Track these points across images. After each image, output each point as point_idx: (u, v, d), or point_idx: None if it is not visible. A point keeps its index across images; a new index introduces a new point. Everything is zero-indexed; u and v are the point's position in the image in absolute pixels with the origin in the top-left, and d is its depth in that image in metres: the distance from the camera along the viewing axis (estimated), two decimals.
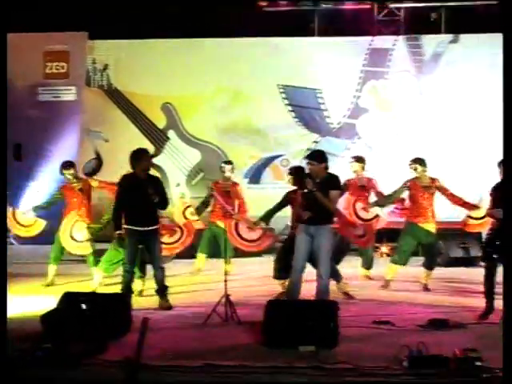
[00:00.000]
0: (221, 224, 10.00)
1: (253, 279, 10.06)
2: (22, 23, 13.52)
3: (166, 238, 9.65)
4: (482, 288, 7.81)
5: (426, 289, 9.38)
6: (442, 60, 14.16)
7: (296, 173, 8.71)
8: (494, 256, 7.64)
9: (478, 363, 5.68)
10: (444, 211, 10.09)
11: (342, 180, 8.83)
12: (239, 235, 9.65)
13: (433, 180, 9.44)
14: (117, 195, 8.53)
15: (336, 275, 8.70)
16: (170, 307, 8.29)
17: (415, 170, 9.43)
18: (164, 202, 8.47)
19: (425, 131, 13.64)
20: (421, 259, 9.80)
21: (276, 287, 8.84)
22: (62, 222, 9.71)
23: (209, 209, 10.86)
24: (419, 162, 9.45)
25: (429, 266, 9.46)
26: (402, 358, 5.86)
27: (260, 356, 6.28)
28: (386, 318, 7.57)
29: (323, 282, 7.65)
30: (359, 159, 10.48)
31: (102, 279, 9.39)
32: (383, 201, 9.95)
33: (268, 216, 9.07)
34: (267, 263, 10.49)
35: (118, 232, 8.34)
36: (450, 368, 5.69)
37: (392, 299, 8.81)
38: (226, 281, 7.72)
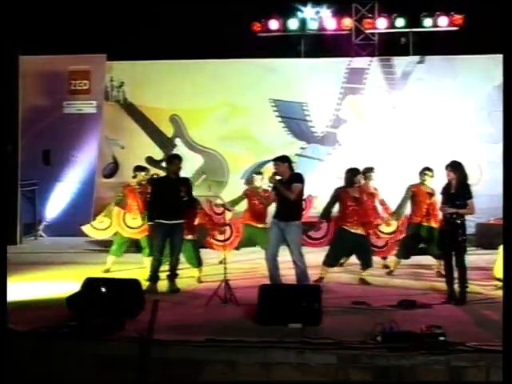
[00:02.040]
0: (255, 224, 9.92)
1: (247, 267, 10.01)
2: (50, 47, 13.53)
3: (217, 235, 9.50)
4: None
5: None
6: (410, 78, 14.14)
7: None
8: (446, 246, 7.69)
9: (442, 338, 5.71)
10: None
11: None
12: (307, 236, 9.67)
13: (375, 189, 9.57)
14: (151, 194, 8.55)
15: (330, 263, 8.80)
16: (177, 290, 8.29)
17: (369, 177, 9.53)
18: (190, 201, 8.42)
19: (395, 139, 13.65)
20: None
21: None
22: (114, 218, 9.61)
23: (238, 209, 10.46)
24: (369, 170, 9.56)
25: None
26: (376, 334, 5.89)
27: (254, 332, 6.30)
28: (362, 299, 7.60)
29: (299, 268, 7.76)
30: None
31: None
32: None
33: (326, 213, 8.80)
34: (257, 253, 10.44)
35: (149, 223, 8.41)
36: (417, 342, 5.71)
37: (368, 283, 8.82)
38: (225, 268, 7.73)
